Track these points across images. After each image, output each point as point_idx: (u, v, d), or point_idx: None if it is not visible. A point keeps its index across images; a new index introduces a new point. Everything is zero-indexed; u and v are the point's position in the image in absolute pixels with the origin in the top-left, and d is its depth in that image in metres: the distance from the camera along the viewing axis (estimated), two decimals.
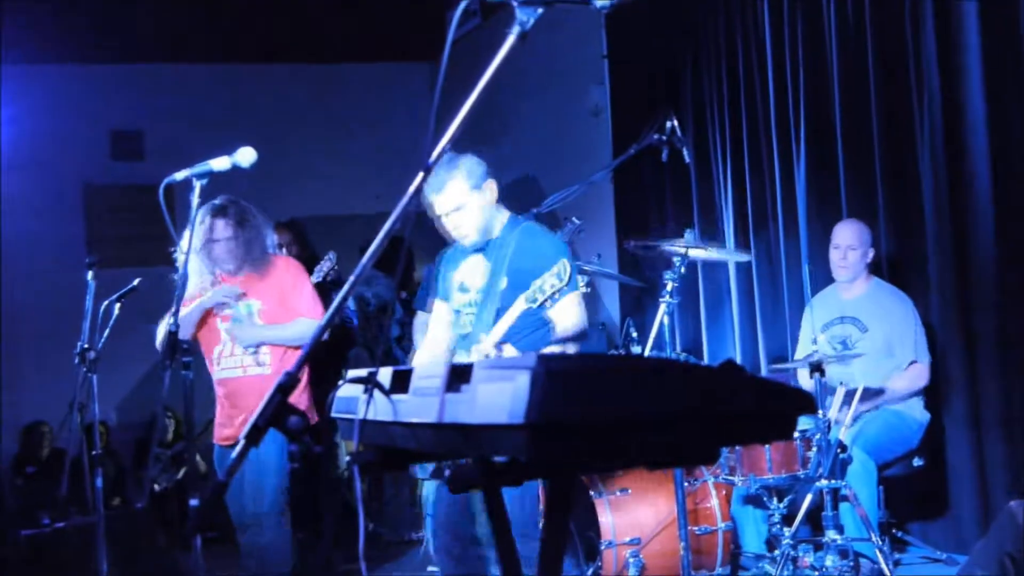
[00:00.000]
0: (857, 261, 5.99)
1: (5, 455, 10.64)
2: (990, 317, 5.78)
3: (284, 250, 6.40)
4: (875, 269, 6.21)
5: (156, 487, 9.71)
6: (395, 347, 7.68)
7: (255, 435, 2.14)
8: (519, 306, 3.95)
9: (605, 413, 1.88)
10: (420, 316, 6.29)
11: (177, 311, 3.85)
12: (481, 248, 4.46)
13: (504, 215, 4.52)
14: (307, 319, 5.26)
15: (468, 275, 4.46)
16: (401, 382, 2.33)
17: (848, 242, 5.99)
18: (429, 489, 4.47)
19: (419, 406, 2.21)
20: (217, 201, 5.19)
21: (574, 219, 6.35)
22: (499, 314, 4.14)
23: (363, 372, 2.41)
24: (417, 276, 7.98)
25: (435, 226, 4.48)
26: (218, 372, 5.33)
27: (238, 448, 2.16)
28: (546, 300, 3.91)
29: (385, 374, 2.40)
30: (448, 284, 4.57)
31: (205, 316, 5.30)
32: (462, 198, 4.34)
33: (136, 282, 5.52)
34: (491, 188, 4.45)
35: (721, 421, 1.98)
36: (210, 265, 5.24)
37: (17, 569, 6.27)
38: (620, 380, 1.90)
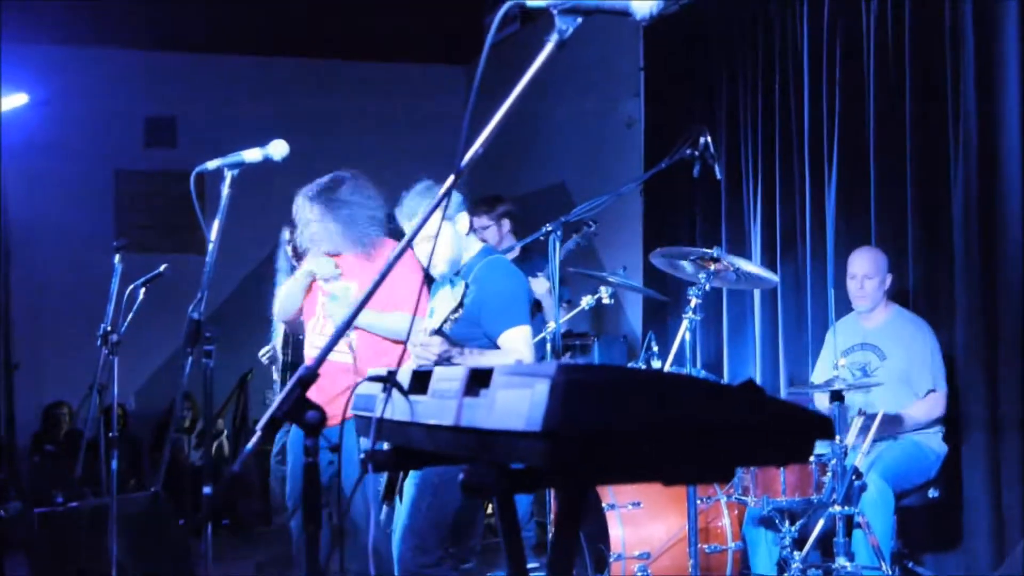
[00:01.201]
0: (875, 289, 5.96)
1: (25, 433, 10.72)
2: (1015, 352, 5.74)
3: None
4: (900, 297, 6.18)
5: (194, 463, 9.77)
6: None
7: (273, 426, 2.15)
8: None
9: (623, 425, 1.87)
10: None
11: (203, 299, 3.86)
12: (454, 276, 4.47)
13: (476, 246, 4.53)
14: (404, 313, 4.98)
15: (439, 302, 4.48)
16: (420, 383, 2.34)
17: (864, 271, 5.97)
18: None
19: (437, 408, 2.21)
20: (322, 179, 5.18)
21: (590, 223, 6.34)
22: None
23: (383, 371, 2.42)
24: None
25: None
26: (307, 348, 5.31)
27: (252, 440, 2.17)
28: (443, 323, 3.95)
29: (404, 374, 2.40)
30: (430, 304, 4.58)
31: (310, 288, 5.26)
32: (433, 228, 4.26)
33: (162, 268, 5.55)
34: (463, 220, 4.45)
35: (738, 440, 1.98)
36: (310, 246, 5.21)
37: (28, 546, 6.31)
38: (639, 393, 1.90)
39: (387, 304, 4.99)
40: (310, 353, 5.24)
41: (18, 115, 9.74)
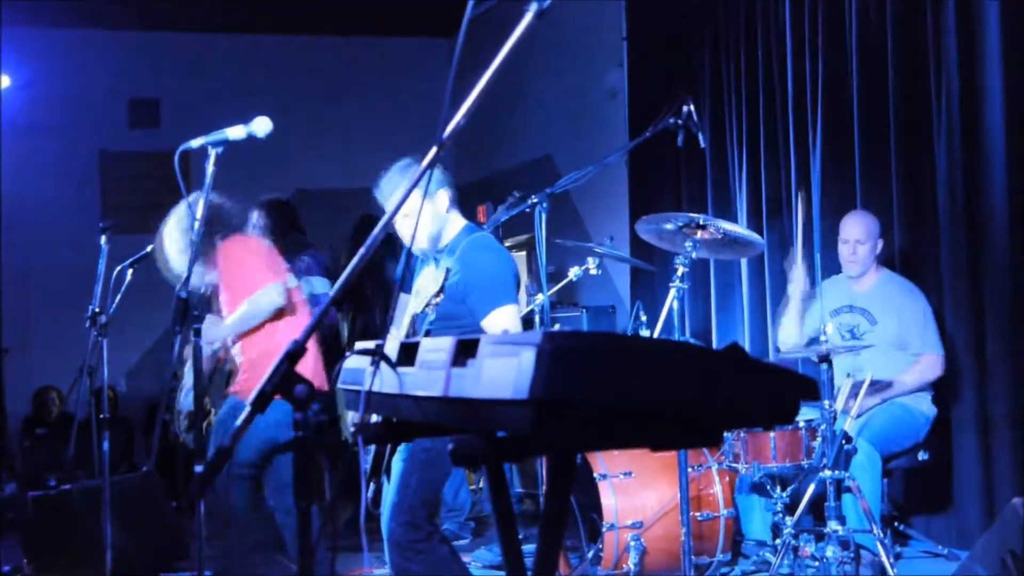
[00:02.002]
0: (867, 255, 5.98)
1: (16, 417, 10.72)
2: (1001, 313, 5.77)
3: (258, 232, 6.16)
4: (886, 261, 6.20)
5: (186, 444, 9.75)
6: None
7: (261, 401, 2.16)
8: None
9: (609, 392, 1.88)
10: (403, 298, 6.30)
11: (189, 277, 3.86)
12: (438, 254, 4.45)
13: (459, 223, 4.50)
14: (250, 299, 5.14)
15: (423, 281, 4.47)
16: (408, 355, 2.35)
17: (857, 236, 5.97)
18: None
19: (425, 379, 2.22)
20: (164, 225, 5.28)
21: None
22: (432, 325, 4.13)
23: (370, 344, 2.43)
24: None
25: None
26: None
27: (243, 414, 2.18)
28: (425, 307, 3.94)
29: (392, 347, 2.41)
30: (415, 286, 4.57)
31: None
32: (412, 206, 4.18)
33: (150, 248, 5.53)
34: (443, 197, 4.42)
35: (724, 404, 1.99)
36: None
37: (23, 530, 6.32)
38: (625, 359, 1.91)
39: (241, 295, 5.18)
40: None
41: (1, 98, 9.69)
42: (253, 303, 5.13)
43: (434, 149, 2.36)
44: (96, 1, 10.28)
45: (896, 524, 6.00)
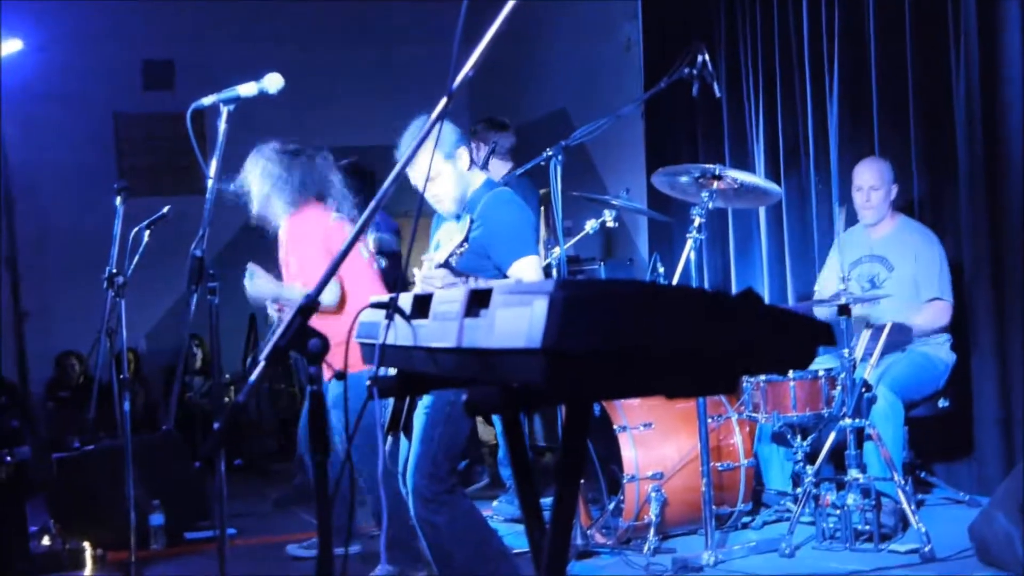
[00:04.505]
0: (881, 201, 5.94)
1: (39, 381, 10.79)
2: (1020, 260, 5.73)
3: None
4: (906, 209, 6.16)
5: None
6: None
7: (276, 356, 2.16)
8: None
9: (622, 339, 1.87)
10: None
11: (204, 236, 3.86)
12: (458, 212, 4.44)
13: (479, 178, 4.48)
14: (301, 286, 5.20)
15: (444, 235, 4.45)
16: (422, 307, 2.34)
17: (870, 182, 5.94)
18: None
19: (439, 330, 2.22)
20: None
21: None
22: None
23: (384, 298, 2.42)
24: None
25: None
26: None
27: (256, 371, 2.18)
28: (449, 257, 3.93)
29: (406, 299, 2.40)
30: (435, 240, 4.56)
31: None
32: (435, 168, 4.25)
33: (166, 210, 5.53)
34: (464, 156, 4.40)
35: (739, 350, 1.98)
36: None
37: (48, 490, 6.37)
38: (638, 306, 1.89)
39: (303, 273, 5.22)
40: None
41: (15, 62, 9.68)
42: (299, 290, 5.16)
43: (444, 100, 2.35)
44: None
45: (917, 472, 6.00)
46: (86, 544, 6.02)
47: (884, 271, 5.91)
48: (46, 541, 6.13)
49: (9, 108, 10.35)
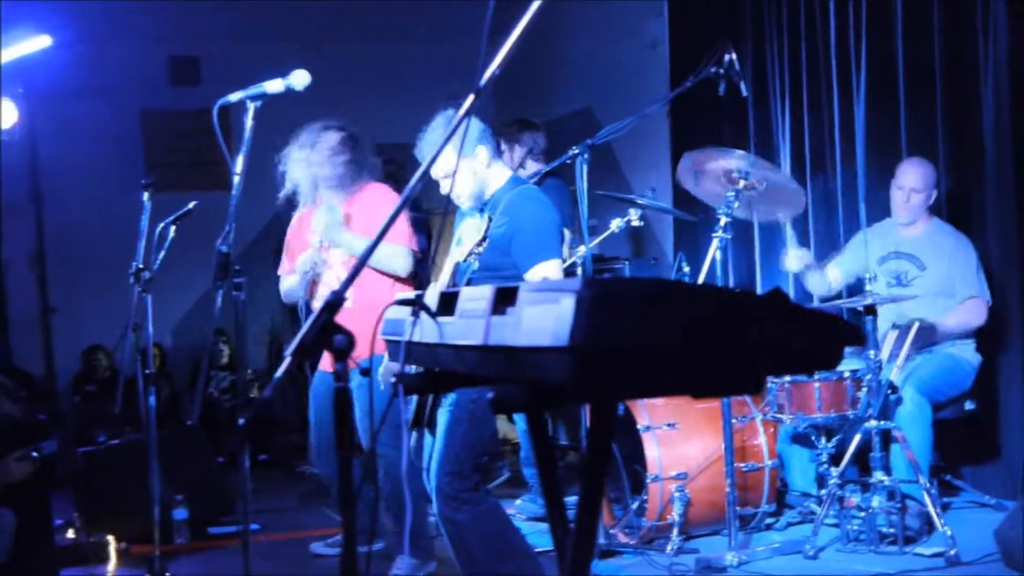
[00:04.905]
0: (920, 204, 5.90)
1: (66, 375, 10.84)
2: None
3: None
4: (933, 207, 6.13)
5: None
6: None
7: (302, 351, 2.16)
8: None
9: (649, 338, 1.86)
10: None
11: (230, 232, 3.87)
12: (481, 207, 4.43)
13: (504, 174, 4.47)
14: (391, 245, 5.31)
15: (466, 231, 4.44)
16: (448, 304, 2.34)
17: (913, 184, 5.88)
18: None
19: (465, 328, 2.21)
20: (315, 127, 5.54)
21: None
22: (475, 274, 4.12)
23: (410, 295, 2.42)
24: None
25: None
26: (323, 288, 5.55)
27: (282, 366, 2.17)
28: (468, 256, 3.93)
29: (432, 296, 2.40)
30: (457, 235, 4.56)
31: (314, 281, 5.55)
32: (451, 165, 4.21)
33: (192, 205, 5.53)
34: (483, 154, 4.38)
35: (766, 350, 1.97)
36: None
37: (73, 483, 6.40)
38: (665, 305, 1.88)
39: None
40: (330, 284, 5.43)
41: (43, 58, 9.71)
42: (392, 254, 5.28)
43: (471, 98, 2.34)
44: None
45: (943, 474, 5.97)
46: (110, 537, 6.05)
47: (914, 269, 5.87)
48: (71, 534, 6.17)
49: (38, 104, 10.39)
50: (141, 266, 5.16)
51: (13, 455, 4.98)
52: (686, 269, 5.96)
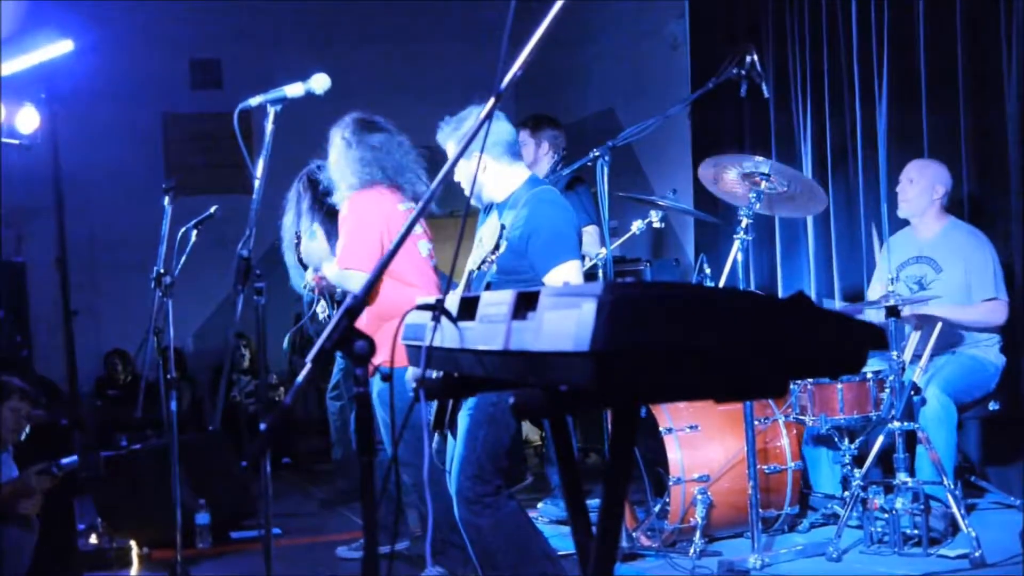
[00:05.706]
0: (917, 195, 5.86)
1: (88, 379, 10.88)
2: None
3: None
4: (954, 208, 6.09)
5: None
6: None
7: (321, 358, 2.15)
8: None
9: (671, 342, 1.85)
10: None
11: (251, 236, 3.87)
12: (501, 206, 4.41)
13: (522, 175, 4.43)
14: (342, 271, 5.06)
15: (486, 230, 4.42)
16: (468, 309, 2.33)
17: (909, 175, 5.88)
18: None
19: (486, 333, 2.20)
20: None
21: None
22: (494, 278, 4.10)
23: (430, 299, 2.41)
24: None
25: None
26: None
27: (303, 372, 2.17)
28: (482, 263, 3.91)
29: (452, 301, 2.39)
30: (478, 235, 4.54)
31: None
32: (472, 167, 4.24)
33: (213, 209, 5.54)
34: (487, 159, 4.36)
35: (789, 354, 1.95)
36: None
37: (95, 488, 6.41)
38: (687, 309, 1.87)
39: (343, 254, 5.06)
40: None
41: (65, 62, 9.75)
42: (343, 277, 5.05)
43: (491, 100, 2.34)
44: None
45: (968, 475, 5.93)
46: (132, 542, 6.06)
47: (932, 272, 5.84)
48: (93, 539, 6.18)
49: (60, 109, 10.43)
50: (162, 270, 5.17)
51: (34, 469, 5.00)
52: (707, 271, 5.94)
